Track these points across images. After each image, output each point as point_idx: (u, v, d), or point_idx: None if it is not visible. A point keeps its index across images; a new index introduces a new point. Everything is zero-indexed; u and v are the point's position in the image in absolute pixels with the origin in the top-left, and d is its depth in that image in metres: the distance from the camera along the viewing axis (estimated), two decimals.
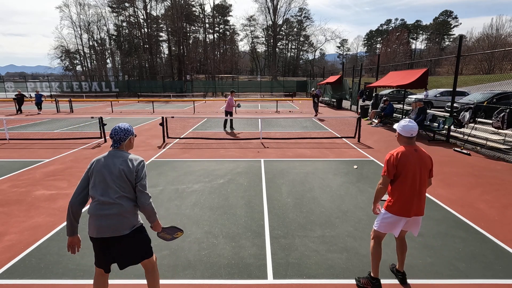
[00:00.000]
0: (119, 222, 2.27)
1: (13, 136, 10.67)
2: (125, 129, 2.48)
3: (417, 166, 2.66)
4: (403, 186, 2.67)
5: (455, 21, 73.71)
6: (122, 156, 2.37)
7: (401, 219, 2.72)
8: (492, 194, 5.34)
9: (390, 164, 2.68)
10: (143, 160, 2.44)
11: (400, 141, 2.80)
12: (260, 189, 5.57)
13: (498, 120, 7.78)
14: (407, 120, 2.76)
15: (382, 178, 2.76)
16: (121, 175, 2.28)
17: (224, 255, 3.50)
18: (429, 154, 2.78)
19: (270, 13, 57.35)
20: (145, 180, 2.36)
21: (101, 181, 2.28)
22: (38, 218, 4.45)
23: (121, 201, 2.27)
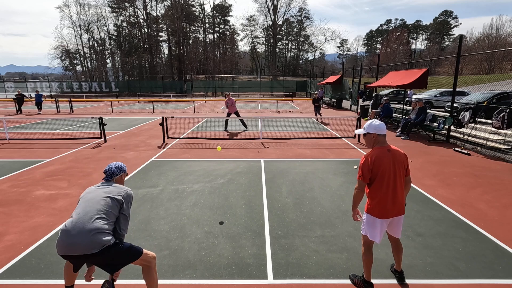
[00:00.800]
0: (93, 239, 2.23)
1: (13, 136, 10.67)
2: (119, 166, 2.73)
3: (392, 167, 2.65)
4: (380, 188, 2.66)
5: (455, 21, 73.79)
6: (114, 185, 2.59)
7: (382, 221, 2.71)
8: (492, 194, 5.34)
9: (365, 167, 2.66)
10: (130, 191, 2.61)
11: (376, 142, 2.75)
12: (260, 189, 5.57)
13: (498, 120, 7.78)
14: (375, 120, 2.77)
15: (358, 182, 2.73)
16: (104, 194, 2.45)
17: (224, 255, 3.50)
18: (403, 152, 2.77)
19: (270, 13, 57.43)
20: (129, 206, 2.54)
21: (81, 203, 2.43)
22: (38, 218, 4.45)
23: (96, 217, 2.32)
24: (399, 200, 2.70)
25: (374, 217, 2.71)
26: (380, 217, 2.69)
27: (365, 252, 2.86)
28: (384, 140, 2.74)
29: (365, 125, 2.79)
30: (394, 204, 2.68)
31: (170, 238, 3.88)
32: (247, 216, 4.48)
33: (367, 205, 2.78)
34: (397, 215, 2.72)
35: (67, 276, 2.62)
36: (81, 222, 2.27)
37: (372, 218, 2.72)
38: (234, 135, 11.16)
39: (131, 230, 4.05)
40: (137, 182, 6.02)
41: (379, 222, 2.70)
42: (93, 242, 2.22)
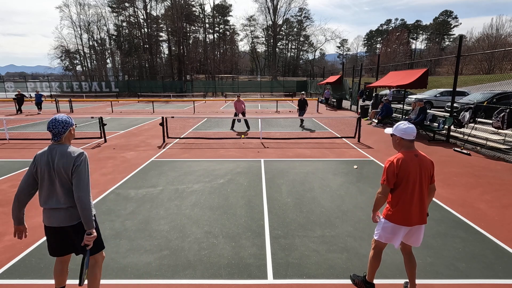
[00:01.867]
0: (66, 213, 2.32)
1: (13, 136, 10.67)
2: (63, 121, 2.34)
3: (418, 173, 2.51)
4: (404, 194, 2.53)
5: (455, 21, 73.77)
6: (63, 151, 2.30)
7: (401, 228, 2.58)
8: (492, 194, 5.34)
9: (390, 172, 2.52)
10: (82, 153, 2.34)
11: (401, 145, 2.61)
12: (260, 189, 5.56)
13: (498, 120, 7.78)
14: (405, 123, 2.60)
15: (382, 187, 2.59)
16: (60, 170, 2.27)
17: (224, 255, 3.50)
18: (430, 159, 2.62)
19: (270, 13, 57.40)
20: (83, 176, 2.27)
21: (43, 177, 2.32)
22: (38, 218, 4.45)
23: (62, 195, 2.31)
24: (423, 209, 2.57)
25: (393, 223, 2.58)
26: (402, 224, 2.56)
27: (374, 256, 2.79)
28: (411, 144, 2.58)
29: (395, 126, 2.66)
30: (417, 212, 2.54)
31: (170, 238, 3.88)
32: (247, 216, 4.48)
33: (386, 210, 2.64)
34: (419, 224, 2.58)
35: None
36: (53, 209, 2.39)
37: (392, 224, 2.59)
38: (234, 135, 11.16)
39: (132, 230, 4.06)
40: (137, 182, 6.02)
41: (398, 229, 2.58)
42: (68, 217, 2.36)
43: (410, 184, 2.50)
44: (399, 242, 2.64)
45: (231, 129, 12.44)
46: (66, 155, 2.28)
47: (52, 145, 2.35)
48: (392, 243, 2.66)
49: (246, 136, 6.77)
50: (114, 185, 5.81)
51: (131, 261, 3.38)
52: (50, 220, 2.38)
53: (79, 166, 2.27)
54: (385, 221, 2.65)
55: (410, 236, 2.66)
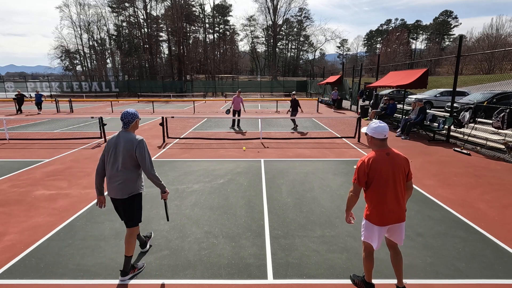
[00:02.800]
0: (121, 187, 2.95)
1: (13, 136, 10.67)
2: (132, 114, 3.03)
3: (390, 171, 2.50)
4: (377, 193, 2.54)
5: (455, 21, 73.76)
6: (127, 137, 2.95)
7: (380, 228, 2.59)
8: (492, 194, 5.34)
9: (361, 171, 2.54)
10: (142, 140, 2.97)
11: (372, 144, 2.63)
12: (260, 189, 5.56)
13: (498, 120, 7.78)
14: (377, 122, 2.61)
15: (353, 185, 2.62)
16: (123, 152, 2.90)
17: (224, 255, 3.50)
18: (404, 156, 2.61)
19: (270, 13, 57.40)
20: (145, 156, 2.92)
21: (111, 156, 2.96)
22: (38, 218, 4.45)
23: (123, 172, 2.93)
24: (399, 207, 2.56)
25: (372, 223, 2.61)
26: (378, 224, 2.57)
27: (366, 257, 2.80)
28: (383, 143, 2.58)
29: (368, 124, 2.68)
30: (393, 210, 2.54)
31: (170, 238, 3.88)
32: (247, 216, 4.48)
33: (366, 210, 2.68)
34: (396, 222, 2.58)
35: None
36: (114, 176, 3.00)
37: (371, 224, 2.62)
38: (234, 136, 11.15)
39: None
40: None
41: (377, 229, 2.60)
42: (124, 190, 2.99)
43: (382, 183, 2.50)
44: (378, 242, 2.63)
45: (231, 128, 12.58)
46: (130, 141, 2.93)
47: (122, 131, 3.02)
48: (372, 243, 2.66)
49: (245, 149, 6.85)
50: None
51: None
52: (111, 192, 3.04)
53: (140, 150, 2.92)
54: (365, 221, 2.68)
55: (391, 234, 2.68)
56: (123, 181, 2.94)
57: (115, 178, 2.95)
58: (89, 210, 4.73)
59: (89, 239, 3.84)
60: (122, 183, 2.94)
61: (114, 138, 3.00)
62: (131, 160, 2.93)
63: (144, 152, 2.93)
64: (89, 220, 4.38)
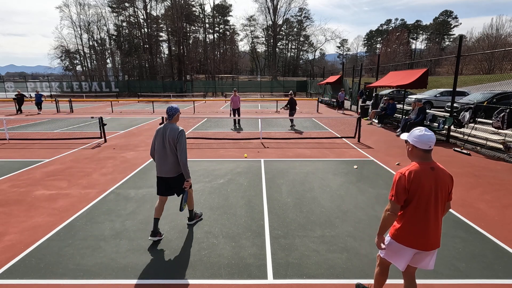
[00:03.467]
0: (171, 168, 3.65)
1: (13, 136, 10.67)
2: (175, 108, 3.73)
3: (434, 189, 2.13)
4: (415, 213, 2.17)
5: (455, 21, 73.74)
6: (172, 127, 3.61)
7: (408, 250, 2.23)
8: (492, 194, 5.33)
9: (400, 186, 2.15)
10: (182, 130, 3.63)
11: (413, 155, 2.23)
12: (260, 189, 5.56)
13: (498, 120, 7.78)
14: (423, 129, 2.19)
15: (390, 203, 2.21)
16: (169, 139, 3.57)
17: (224, 255, 3.50)
18: (449, 173, 2.24)
19: (270, 13, 57.40)
20: (182, 142, 3.56)
21: (159, 143, 3.65)
22: (38, 218, 4.45)
23: (170, 156, 3.62)
24: (437, 230, 2.20)
25: (401, 244, 2.24)
26: (410, 246, 2.21)
27: (380, 272, 2.56)
28: (426, 155, 2.18)
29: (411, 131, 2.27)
30: (430, 234, 2.18)
31: (170, 238, 3.88)
32: (247, 216, 4.48)
33: (394, 229, 2.29)
34: (431, 249, 2.21)
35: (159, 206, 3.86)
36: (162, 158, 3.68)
37: (399, 245, 2.25)
38: (234, 136, 11.15)
39: (132, 230, 4.06)
40: (137, 182, 6.02)
41: (407, 251, 2.24)
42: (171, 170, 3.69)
43: (423, 201, 2.14)
44: (404, 265, 2.31)
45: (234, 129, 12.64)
46: (173, 130, 3.59)
47: (167, 123, 3.70)
48: (397, 264, 2.34)
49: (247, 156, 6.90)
50: (114, 185, 5.81)
51: (131, 261, 3.38)
52: (160, 172, 3.70)
53: (180, 138, 3.56)
54: (391, 240, 2.31)
55: (418, 259, 2.30)
56: (172, 163, 3.63)
57: (165, 161, 3.64)
58: (89, 210, 4.73)
59: (89, 239, 3.85)
60: (171, 165, 3.63)
61: (162, 128, 3.66)
62: (174, 145, 3.59)
63: (183, 140, 3.58)
64: (89, 220, 4.38)
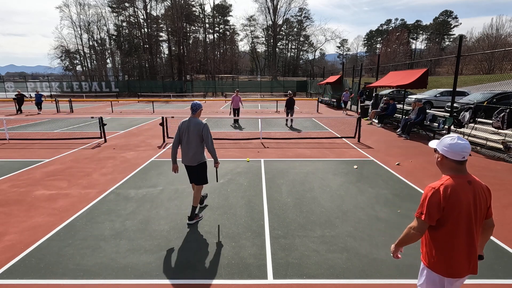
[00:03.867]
0: (193, 157, 4.15)
1: (13, 136, 10.67)
2: (198, 104, 4.19)
3: (473, 206, 1.83)
4: (452, 235, 1.85)
5: (455, 21, 73.74)
6: (195, 121, 4.11)
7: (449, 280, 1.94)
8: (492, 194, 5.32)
9: (433, 204, 1.81)
10: (206, 124, 4.11)
11: (445, 167, 1.91)
12: (260, 189, 5.57)
13: (498, 120, 7.78)
14: (455, 137, 1.87)
15: (417, 221, 1.88)
16: (194, 132, 4.07)
17: (224, 255, 3.50)
18: (486, 185, 1.97)
19: (270, 13, 57.38)
20: (208, 135, 4.09)
21: (185, 135, 4.12)
22: (38, 218, 4.45)
23: (194, 147, 4.11)
24: (475, 253, 1.91)
25: (437, 274, 1.93)
26: (448, 275, 1.91)
27: None
28: (460, 167, 1.86)
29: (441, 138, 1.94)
30: (470, 259, 1.88)
31: (170, 238, 3.88)
32: (247, 216, 4.48)
33: (428, 256, 1.97)
34: (469, 274, 1.94)
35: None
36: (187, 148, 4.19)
37: (434, 274, 1.94)
38: (234, 136, 11.15)
39: (132, 230, 4.06)
40: (137, 182, 6.02)
41: (444, 281, 1.94)
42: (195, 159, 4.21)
43: (461, 221, 1.83)
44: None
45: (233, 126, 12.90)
46: (197, 124, 4.08)
47: (191, 117, 4.16)
48: None
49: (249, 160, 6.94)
50: (114, 185, 5.81)
51: (131, 261, 3.38)
52: (184, 161, 4.26)
53: (205, 131, 4.08)
54: (428, 270, 1.99)
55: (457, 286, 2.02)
56: (194, 153, 4.12)
57: (188, 151, 4.12)
58: (89, 210, 4.73)
59: (89, 239, 3.85)
60: (194, 154, 4.12)
61: (186, 122, 4.13)
62: (199, 138, 4.07)
63: (208, 132, 4.09)
64: (89, 220, 4.39)
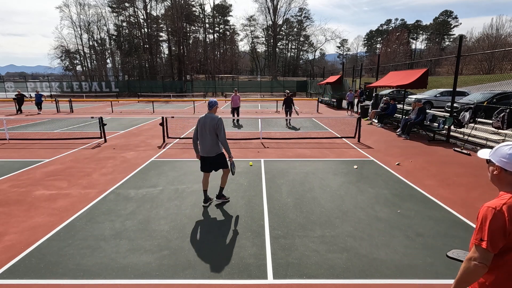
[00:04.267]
0: (211, 149, 4.57)
1: (13, 136, 10.67)
2: (214, 101, 4.71)
3: None
4: None
5: (455, 21, 73.75)
6: (211, 116, 4.55)
7: None
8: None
9: (497, 228, 1.50)
10: (220, 118, 4.53)
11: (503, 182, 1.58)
12: (260, 189, 5.57)
13: (498, 120, 7.78)
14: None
15: (478, 250, 1.53)
16: (209, 126, 4.48)
17: (224, 255, 3.50)
18: None
19: (270, 13, 57.35)
20: (221, 128, 4.49)
21: (201, 129, 4.58)
22: (38, 218, 4.46)
23: (210, 139, 4.53)
24: None
25: None
26: None
27: None
28: None
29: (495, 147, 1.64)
30: None
31: (170, 238, 3.88)
32: (247, 216, 4.48)
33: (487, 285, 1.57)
34: None
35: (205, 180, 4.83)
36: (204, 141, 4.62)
37: None
38: (234, 136, 11.15)
39: (132, 230, 4.06)
40: (137, 182, 6.02)
41: None
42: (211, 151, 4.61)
43: None
44: None
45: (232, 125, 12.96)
46: (212, 119, 4.50)
47: (207, 113, 4.63)
48: None
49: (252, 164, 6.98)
50: (114, 185, 5.81)
51: (131, 261, 3.38)
52: (202, 152, 4.64)
53: (219, 125, 4.48)
54: None
55: None
56: (211, 145, 4.53)
57: (205, 144, 4.55)
58: (89, 210, 4.73)
59: (89, 239, 3.85)
60: (211, 146, 4.54)
61: (203, 117, 4.59)
62: (214, 131, 4.47)
63: (221, 126, 4.49)
64: (89, 220, 4.39)
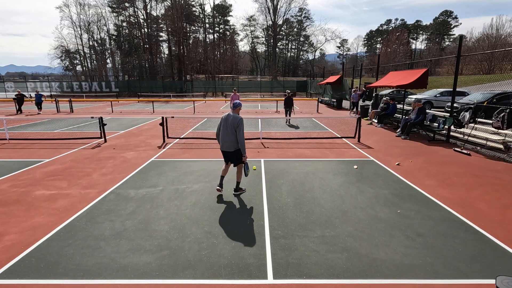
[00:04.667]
0: (230, 145, 4.98)
1: (13, 136, 10.67)
2: (239, 103, 5.10)
3: None
4: None
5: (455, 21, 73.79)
6: (233, 116, 4.94)
7: None
8: (492, 194, 5.33)
9: None
10: (241, 119, 4.91)
11: None
12: (260, 189, 5.57)
13: (498, 120, 7.78)
14: None
15: None
16: (230, 124, 4.91)
17: (224, 255, 3.50)
18: None
19: (270, 13, 57.33)
20: (240, 127, 4.86)
21: (223, 126, 5.03)
22: (38, 218, 4.45)
23: (230, 136, 4.94)
24: None
25: None
26: None
27: None
28: None
29: None
30: None
31: (170, 238, 3.88)
32: (247, 216, 4.48)
33: None
34: None
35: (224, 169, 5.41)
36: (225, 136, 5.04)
37: None
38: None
39: (132, 230, 4.06)
40: (137, 182, 6.02)
41: None
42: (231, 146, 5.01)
43: None
44: None
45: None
46: (234, 118, 4.90)
47: (230, 112, 5.05)
48: None
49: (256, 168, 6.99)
50: (114, 185, 5.81)
51: (131, 261, 3.38)
52: (222, 147, 5.09)
53: (239, 125, 4.86)
54: None
55: None
56: (230, 141, 4.94)
57: (225, 139, 4.98)
58: (89, 210, 4.73)
59: (89, 239, 3.85)
60: (231, 142, 4.95)
61: (226, 115, 5.03)
62: (234, 129, 4.87)
63: (241, 126, 4.86)
64: (89, 220, 4.39)
